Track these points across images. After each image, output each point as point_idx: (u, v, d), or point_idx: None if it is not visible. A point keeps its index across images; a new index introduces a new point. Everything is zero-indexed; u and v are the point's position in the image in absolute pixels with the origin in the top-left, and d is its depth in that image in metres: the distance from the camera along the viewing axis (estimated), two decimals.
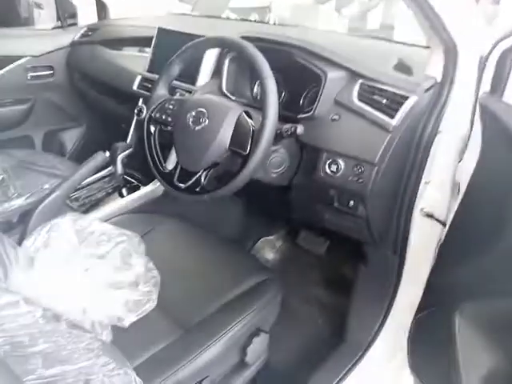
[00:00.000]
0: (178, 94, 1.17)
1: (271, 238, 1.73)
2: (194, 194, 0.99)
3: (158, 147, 1.08)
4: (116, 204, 1.28)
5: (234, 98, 1.25)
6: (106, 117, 1.87)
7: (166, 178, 1.05)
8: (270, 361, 1.08)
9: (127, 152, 1.33)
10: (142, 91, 1.45)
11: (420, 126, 0.98)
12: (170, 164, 1.08)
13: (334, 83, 1.05)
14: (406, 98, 0.97)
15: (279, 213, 1.52)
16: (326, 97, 1.05)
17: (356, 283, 1.27)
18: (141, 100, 1.46)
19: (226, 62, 1.26)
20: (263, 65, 0.92)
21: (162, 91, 1.10)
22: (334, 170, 1.03)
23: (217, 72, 1.31)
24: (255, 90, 1.31)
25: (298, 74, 1.14)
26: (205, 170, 0.99)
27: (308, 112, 1.08)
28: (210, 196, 0.96)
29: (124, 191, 1.37)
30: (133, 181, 1.41)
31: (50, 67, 1.83)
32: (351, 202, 1.04)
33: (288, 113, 1.11)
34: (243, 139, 0.93)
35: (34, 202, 1.29)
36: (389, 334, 1.13)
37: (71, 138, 2.02)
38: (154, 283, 1.03)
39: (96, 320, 0.94)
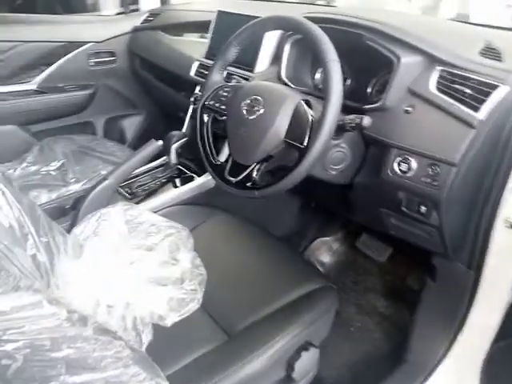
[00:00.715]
0: (234, 81, 1.10)
1: (328, 239, 1.62)
2: (244, 189, 0.91)
3: (210, 138, 1.02)
4: (168, 195, 1.23)
5: (293, 85, 1.15)
6: (165, 104, 1.85)
7: (217, 170, 0.98)
8: (320, 377, 0.98)
9: (182, 141, 1.29)
10: (199, 78, 1.39)
11: (510, 121, 0.83)
12: (223, 156, 1.01)
13: (408, 69, 0.92)
14: (495, 87, 0.82)
15: (338, 213, 1.41)
16: (399, 85, 0.92)
17: (422, 298, 1.13)
18: (198, 87, 1.41)
19: (287, 46, 1.16)
20: (328, 47, 0.81)
21: (216, 77, 1.03)
22: (405, 169, 0.90)
23: (276, 58, 1.22)
24: (317, 77, 1.21)
25: (368, 58, 1.02)
26: (257, 164, 0.91)
27: (376, 102, 0.96)
28: (261, 193, 0.88)
29: (177, 182, 1.32)
30: (187, 171, 1.36)
31: (112, 53, 1.84)
32: (422, 208, 0.91)
33: (353, 103, 1.00)
34: (300, 131, 0.84)
35: (89, 188, 1.28)
36: (458, 359, 0.99)
37: (131, 125, 2.03)
38: (200, 281, 0.97)
39: (138, 317, 0.91)
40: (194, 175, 1.37)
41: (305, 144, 0.82)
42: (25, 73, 1.66)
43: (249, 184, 0.90)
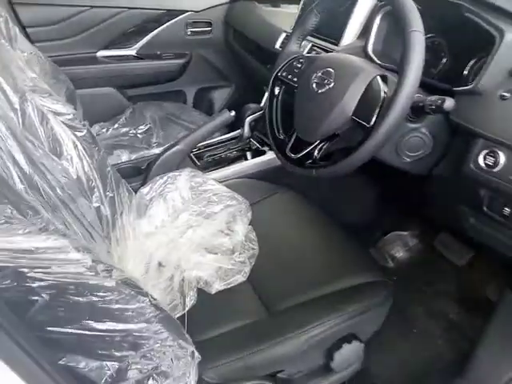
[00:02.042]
0: (314, 53, 1.03)
1: (405, 233, 1.50)
2: (302, 166, 0.86)
3: (279, 111, 0.99)
4: (236, 167, 1.23)
5: (378, 61, 1.05)
6: (254, 78, 1.84)
7: (280, 145, 0.95)
8: (367, 373, 0.92)
9: (256, 115, 1.27)
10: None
11: None
12: (288, 131, 0.97)
13: (511, 48, 0.78)
14: None
15: (416, 206, 1.29)
16: (498, 65, 0.79)
17: (498, 309, 1.00)
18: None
19: (378, 18, 1.06)
20: (413, 15, 0.71)
21: (293, 47, 0.98)
22: (491, 163, 0.78)
23: (365, 31, 1.12)
24: None
25: (468, 34, 0.89)
26: (320, 142, 0.85)
27: (469, 84, 0.83)
28: (319, 173, 0.82)
29: (248, 155, 1.32)
30: (259, 146, 1.35)
31: (209, 23, 1.87)
32: (506, 209, 0.78)
33: (444, 84, 0.89)
34: (370, 108, 0.76)
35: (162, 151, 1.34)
36: None
37: (220, 97, 2.06)
38: (251, 255, 0.96)
39: (186, 279, 0.93)
40: (266, 149, 1.35)
41: (371, 123, 0.74)
42: (126, 38, 1.76)
43: (308, 162, 0.86)
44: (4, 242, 0.44)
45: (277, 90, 0.99)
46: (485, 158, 0.79)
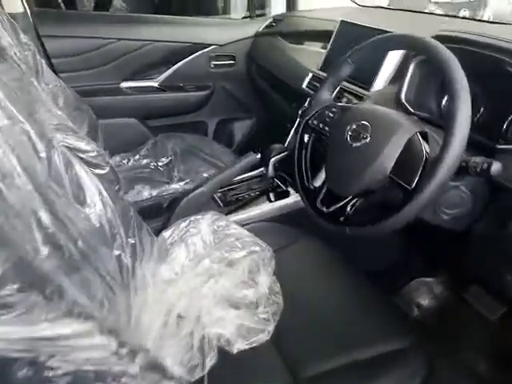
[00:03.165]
0: (344, 99, 1.01)
1: (430, 280, 1.43)
2: (335, 222, 0.82)
3: (308, 159, 0.95)
4: (260, 208, 1.20)
5: (412, 110, 1.02)
6: (275, 113, 1.82)
7: (309, 196, 0.91)
8: None
9: (281, 156, 1.24)
10: (311, 91, 1.33)
11: None
12: (318, 181, 0.93)
13: None
14: None
15: (446, 257, 1.23)
16: None
17: None
18: (308, 100, 1.34)
19: (412, 66, 1.03)
20: (456, 72, 0.68)
21: (325, 95, 0.95)
22: None
23: (397, 77, 1.09)
24: (444, 104, 1.05)
25: (507, 87, 0.85)
26: (354, 198, 0.81)
27: None
28: (354, 231, 0.78)
29: (272, 196, 1.28)
30: (283, 186, 1.31)
31: (232, 57, 1.87)
32: None
33: (482, 138, 0.84)
34: (410, 168, 0.72)
35: (186, 191, 1.31)
36: None
37: (241, 129, 2.05)
38: (275, 311, 0.91)
39: (206, 336, 0.88)
40: (290, 190, 1.31)
41: (413, 186, 0.70)
42: (149, 70, 1.76)
43: (341, 218, 0.82)
44: (25, 331, 0.40)
45: (306, 138, 0.96)
46: None
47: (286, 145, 1.39)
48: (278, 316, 0.90)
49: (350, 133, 0.82)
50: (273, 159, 1.23)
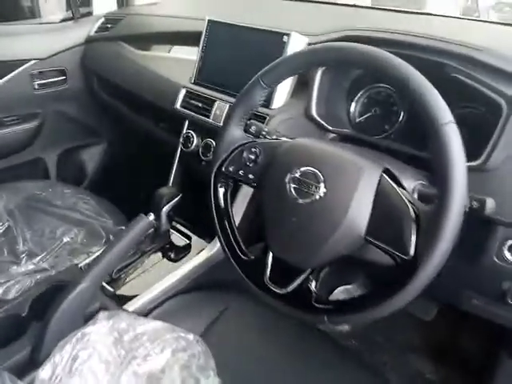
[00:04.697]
0: (253, 127, 0.77)
1: (349, 287, 1.35)
2: (303, 308, 0.61)
3: (232, 219, 0.71)
4: (164, 282, 0.90)
5: (328, 125, 0.86)
6: (134, 135, 1.49)
7: (250, 271, 0.68)
8: None
9: (174, 202, 0.96)
10: (188, 111, 1.06)
11: None
12: (256, 248, 0.70)
13: None
14: None
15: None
16: (509, 138, 0.65)
17: (496, 375, 0.91)
18: (186, 123, 1.08)
19: (318, 74, 0.86)
20: (439, 103, 0.52)
21: (235, 132, 0.71)
22: None
23: (300, 88, 0.91)
24: (352, 109, 0.91)
25: (452, 93, 0.74)
26: (317, 270, 0.61)
27: (475, 159, 0.68)
28: (337, 320, 0.58)
29: (172, 254, 1.00)
30: (182, 237, 1.04)
31: (62, 71, 1.44)
32: None
33: (417, 151, 0.73)
34: (396, 227, 0.55)
35: (53, 276, 0.94)
36: None
37: (91, 157, 1.65)
38: None
39: None
40: (191, 236, 1.05)
41: (410, 253, 0.52)
42: None
43: (311, 299, 0.60)
44: None
45: (222, 191, 0.71)
46: (510, 249, 0.65)
47: (170, 183, 1.10)
48: None
49: (292, 184, 0.61)
50: (165, 208, 0.94)
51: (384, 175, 0.58)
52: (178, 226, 1.07)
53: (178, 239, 1.05)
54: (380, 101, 0.88)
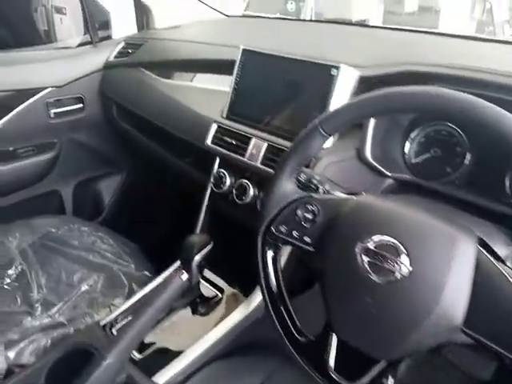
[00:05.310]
0: (301, 174, 0.67)
1: None
2: None
3: (283, 288, 0.60)
4: (199, 346, 0.79)
5: (388, 172, 0.75)
6: (155, 166, 1.39)
7: (310, 355, 0.56)
8: None
9: (205, 251, 0.86)
10: (219, 148, 0.96)
11: None
12: (313, 326, 0.59)
13: None
14: None
15: None
16: None
17: None
18: (217, 160, 0.98)
19: None
20: None
21: (288, 185, 0.61)
22: None
23: (350, 130, 0.81)
24: (407, 149, 0.81)
25: None
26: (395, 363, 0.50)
27: None
28: None
29: (201, 308, 0.89)
30: (213, 289, 0.93)
31: (79, 99, 1.36)
32: None
33: (478, 198, 0.64)
34: (502, 317, 0.44)
35: (66, 329, 0.84)
36: None
37: (109, 188, 1.56)
38: None
39: None
40: (224, 288, 0.95)
41: None
42: None
43: None
44: None
45: (270, 254, 0.61)
46: None
47: (199, 227, 1.00)
48: None
49: (364, 257, 0.50)
50: (197, 258, 0.84)
51: (480, 248, 0.47)
52: (208, 276, 0.96)
53: (207, 290, 0.94)
54: (440, 140, 0.78)
